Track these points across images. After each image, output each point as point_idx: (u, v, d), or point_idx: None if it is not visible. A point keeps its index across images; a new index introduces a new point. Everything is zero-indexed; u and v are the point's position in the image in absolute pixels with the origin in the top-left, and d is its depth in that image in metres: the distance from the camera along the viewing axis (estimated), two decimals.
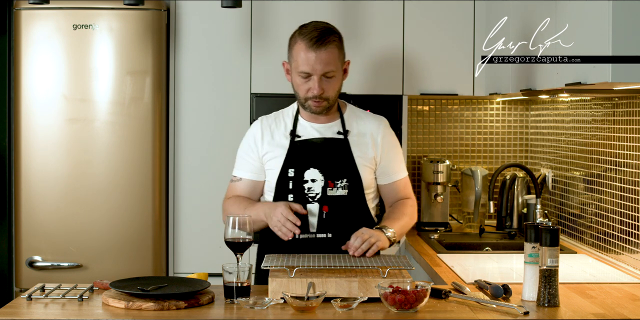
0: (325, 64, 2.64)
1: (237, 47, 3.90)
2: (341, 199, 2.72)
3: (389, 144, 2.82)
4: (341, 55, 2.72)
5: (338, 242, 2.68)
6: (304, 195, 2.72)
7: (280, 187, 2.74)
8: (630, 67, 2.39)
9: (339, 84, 2.72)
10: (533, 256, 2.38)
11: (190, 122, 3.89)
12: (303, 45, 2.65)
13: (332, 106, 2.76)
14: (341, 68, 2.72)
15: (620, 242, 3.09)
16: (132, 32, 3.75)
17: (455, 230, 4.13)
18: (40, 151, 3.74)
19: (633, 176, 2.98)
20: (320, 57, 2.63)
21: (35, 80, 3.74)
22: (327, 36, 2.65)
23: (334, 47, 2.66)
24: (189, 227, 3.89)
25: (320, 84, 2.66)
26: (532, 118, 4.31)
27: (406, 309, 2.25)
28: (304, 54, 2.64)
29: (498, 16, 3.59)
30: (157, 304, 2.28)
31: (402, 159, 2.87)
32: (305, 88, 2.68)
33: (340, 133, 2.77)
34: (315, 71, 2.64)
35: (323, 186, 2.72)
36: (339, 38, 2.71)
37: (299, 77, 2.68)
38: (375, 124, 2.82)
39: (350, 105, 2.87)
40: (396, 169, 2.84)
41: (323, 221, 2.71)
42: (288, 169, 2.73)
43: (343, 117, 2.80)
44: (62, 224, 3.75)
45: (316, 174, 2.72)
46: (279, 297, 2.34)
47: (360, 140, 2.78)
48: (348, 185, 2.72)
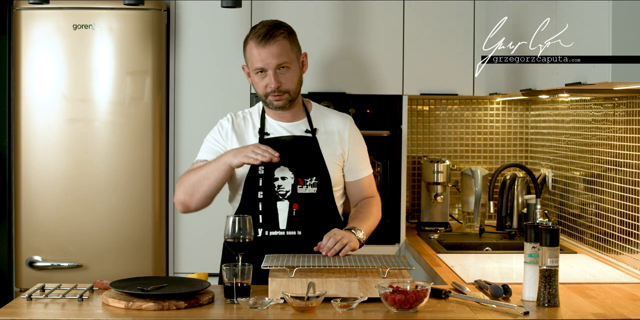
0: (276, 56, 2.68)
1: (237, 47, 3.87)
2: (311, 196, 2.74)
3: (355, 141, 2.85)
4: (294, 47, 2.74)
5: (307, 239, 2.69)
6: (274, 193, 2.73)
7: (250, 184, 2.75)
8: (630, 67, 2.39)
9: (296, 76, 2.74)
10: (533, 256, 2.38)
11: (190, 122, 3.89)
12: (253, 43, 2.71)
13: (295, 100, 2.77)
14: (297, 60, 2.74)
15: (620, 242, 3.09)
16: (132, 32, 3.75)
17: (455, 230, 4.13)
18: (40, 151, 3.74)
19: (633, 176, 2.99)
20: (270, 50, 2.67)
21: (35, 80, 3.74)
22: (274, 30, 2.70)
23: (282, 39, 2.70)
24: (189, 227, 3.89)
25: (276, 77, 2.69)
26: (532, 118, 4.31)
27: (406, 309, 2.25)
28: (256, 51, 2.69)
29: (498, 16, 3.59)
30: (157, 304, 2.28)
31: (367, 157, 2.90)
32: (263, 84, 2.71)
33: (308, 131, 2.79)
34: (268, 65, 2.68)
35: (293, 184, 2.73)
36: (287, 31, 2.74)
37: (256, 76, 2.72)
38: (342, 121, 2.86)
39: (315, 104, 2.90)
40: (362, 166, 2.87)
41: (293, 219, 2.73)
42: (258, 166, 2.73)
43: (309, 116, 2.82)
44: (62, 224, 3.75)
45: (286, 171, 2.74)
46: (279, 297, 2.34)
47: (328, 138, 2.80)
48: (317, 183, 2.74)
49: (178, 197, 2.72)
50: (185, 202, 2.71)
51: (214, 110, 3.89)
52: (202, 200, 2.70)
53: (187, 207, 2.73)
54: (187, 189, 2.69)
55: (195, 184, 2.66)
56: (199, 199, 2.69)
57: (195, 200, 2.69)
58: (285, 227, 2.73)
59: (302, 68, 2.78)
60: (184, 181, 2.71)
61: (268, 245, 2.71)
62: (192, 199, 2.69)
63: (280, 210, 2.73)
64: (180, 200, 2.71)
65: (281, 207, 2.73)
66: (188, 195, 2.69)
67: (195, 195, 2.68)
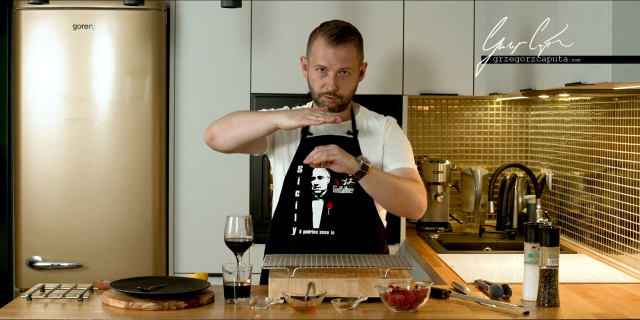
0: (342, 60, 2.66)
1: (237, 47, 3.90)
2: (346, 197, 2.72)
3: (395, 137, 2.79)
4: (359, 56, 2.74)
5: (340, 240, 2.68)
6: (310, 192, 2.72)
7: (289, 182, 2.75)
8: (630, 67, 2.39)
9: (354, 84, 2.74)
10: (533, 256, 2.38)
11: (190, 122, 3.89)
12: (323, 40, 2.68)
13: (346, 106, 2.76)
14: (358, 68, 2.74)
15: (620, 242, 3.09)
16: (132, 32, 3.75)
17: (455, 230, 4.13)
18: (40, 151, 3.74)
19: (633, 176, 2.99)
20: (338, 53, 2.66)
21: (35, 80, 3.75)
22: (347, 34, 2.68)
23: (352, 45, 2.69)
24: (189, 227, 3.89)
25: (335, 81, 2.68)
26: (532, 118, 4.31)
27: (406, 309, 2.25)
28: (323, 49, 2.68)
29: (498, 16, 3.59)
30: (157, 304, 2.28)
31: (409, 153, 2.80)
32: (320, 83, 2.70)
33: (349, 133, 2.78)
34: (332, 66, 2.67)
35: (329, 183, 2.72)
36: (358, 38, 2.73)
37: (316, 72, 2.70)
38: (383, 121, 2.83)
39: (363, 108, 2.88)
40: (401, 158, 2.76)
41: (327, 218, 2.71)
42: (297, 165, 2.73)
43: (354, 119, 2.81)
44: (62, 224, 3.75)
45: (323, 171, 2.73)
46: (279, 297, 2.34)
47: (369, 140, 2.78)
48: (354, 184, 2.72)
49: (212, 126, 2.68)
50: (215, 134, 2.67)
51: (214, 110, 3.89)
52: (230, 141, 2.65)
53: (213, 140, 2.68)
54: (223, 124, 2.65)
55: (234, 123, 2.63)
56: (227, 137, 2.64)
57: (224, 137, 2.65)
58: (318, 227, 2.71)
59: (359, 76, 2.77)
60: (228, 116, 2.67)
61: (300, 244, 2.70)
62: (222, 134, 2.65)
63: (315, 210, 2.71)
64: (211, 130, 2.67)
65: (316, 206, 2.71)
66: (221, 130, 2.65)
67: (227, 132, 2.64)
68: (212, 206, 3.89)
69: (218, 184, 3.89)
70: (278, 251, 2.72)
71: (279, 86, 3.87)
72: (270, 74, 3.88)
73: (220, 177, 3.87)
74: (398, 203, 2.63)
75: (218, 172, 3.87)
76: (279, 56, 3.87)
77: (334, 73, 2.67)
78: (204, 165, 3.89)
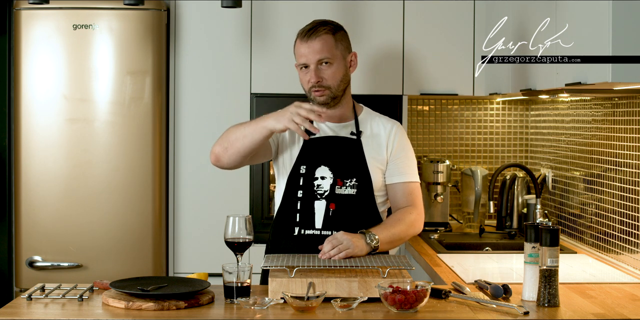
0: (317, 52, 2.70)
1: (237, 47, 3.90)
2: (349, 197, 2.72)
3: (400, 145, 2.80)
4: (340, 45, 2.75)
5: None
6: (313, 192, 2.73)
7: (291, 182, 2.76)
8: (630, 67, 2.39)
9: (339, 73, 2.73)
10: (533, 256, 2.38)
11: (190, 122, 3.89)
12: (298, 40, 2.75)
13: (339, 98, 2.75)
14: (341, 57, 2.74)
15: (620, 242, 3.09)
16: (132, 32, 3.75)
17: (455, 230, 4.13)
18: (40, 151, 3.74)
19: (633, 176, 2.99)
20: (312, 46, 2.70)
21: (35, 80, 3.75)
22: (318, 27, 2.73)
23: (324, 34, 2.71)
24: (189, 227, 3.89)
25: (316, 72, 2.70)
26: (532, 118, 4.31)
27: (406, 309, 2.25)
28: (299, 47, 2.74)
29: (498, 16, 3.59)
30: (157, 304, 2.28)
31: (412, 164, 2.82)
32: (306, 80, 2.73)
33: (353, 133, 2.78)
34: (309, 60, 2.70)
35: (331, 184, 2.72)
36: (333, 27, 2.75)
37: (301, 72, 2.75)
38: (389, 126, 2.82)
39: (367, 108, 2.88)
40: (404, 171, 2.79)
41: (329, 219, 2.71)
42: (300, 165, 2.74)
43: (357, 119, 2.81)
44: (62, 224, 3.75)
45: (326, 171, 2.73)
46: (279, 297, 2.34)
47: (373, 142, 2.78)
48: (357, 184, 2.72)
49: (214, 148, 2.70)
50: (219, 156, 2.69)
51: (213, 110, 3.89)
52: (235, 157, 2.67)
53: (219, 161, 2.70)
54: (224, 143, 2.68)
55: (232, 140, 2.65)
56: (230, 155, 2.67)
57: (228, 155, 2.67)
58: (320, 227, 2.72)
59: (349, 67, 2.78)
60: (225, 134, 2.70)
61: (302, 244, 2.71)
62: (225, 154, 2.67)
63: (317, 210, 2.72)
64: (215, 152, 2.70)
65: (318, 207, 2.72)
66: (223, 149, 2.67)
67: (229, 150, 2.66)
68: (212, 206, 3.89)
69: (218, 183, 3.89)
70: (279, 251, 2.72)
71: (279, 86, 3.87)
72: (270, 74, 3.88)
73: (220, 177, 3.87)
74: (405, 239, 2.77)
75: (218, 172, 3.85)
76: (279, 56, 3.87)
77: (314, 66, 2.70)
78: (204, 165, 3.88)
